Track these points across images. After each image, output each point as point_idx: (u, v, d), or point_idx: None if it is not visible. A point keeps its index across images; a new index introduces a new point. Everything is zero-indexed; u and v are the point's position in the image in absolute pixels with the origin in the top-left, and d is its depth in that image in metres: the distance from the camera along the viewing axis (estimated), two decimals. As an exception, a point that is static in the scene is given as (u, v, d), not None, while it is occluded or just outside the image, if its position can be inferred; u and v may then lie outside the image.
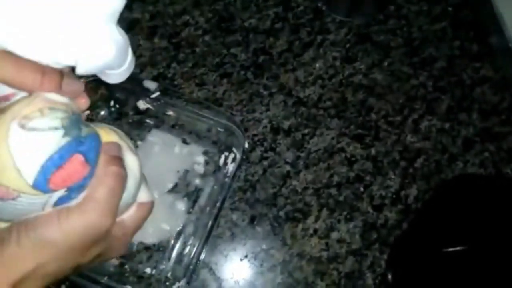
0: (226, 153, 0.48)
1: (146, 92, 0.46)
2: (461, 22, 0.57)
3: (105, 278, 0.39)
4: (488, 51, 0.55)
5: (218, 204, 0.43)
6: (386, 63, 0.54)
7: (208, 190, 0.47)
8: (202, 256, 0.41)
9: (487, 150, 0.51)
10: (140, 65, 0.52)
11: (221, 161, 0.48)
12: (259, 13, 0.56)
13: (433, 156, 0.51)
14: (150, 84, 0.46)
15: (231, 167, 0.47)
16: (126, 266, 0.43)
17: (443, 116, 0.52)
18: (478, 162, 0.51)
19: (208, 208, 0.45)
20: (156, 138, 0.48)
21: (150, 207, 0.30)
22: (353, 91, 0.53)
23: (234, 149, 0.47)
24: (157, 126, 0.49)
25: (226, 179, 0.46)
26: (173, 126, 0.49)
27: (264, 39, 0.55)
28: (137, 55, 0.53)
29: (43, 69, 0.24)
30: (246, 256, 0.46)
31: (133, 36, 0.54)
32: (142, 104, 0.47)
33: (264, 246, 0.46)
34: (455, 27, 0.56)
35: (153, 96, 0.46)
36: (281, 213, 0.48)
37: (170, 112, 0.47)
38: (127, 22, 0.54)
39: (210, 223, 0.42)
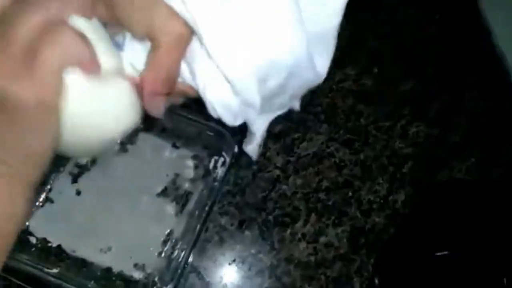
0: (216, 157, 0.48)
1: None
2: (450, 29, 0.57)
3: (92, 282, 0.40)
4: (476, 58, 0.56)
5: (207, 208, 0.43)
6: (375, 69, 0.55)
7: (197, 194, 0.47)
8: (190, 260, 0.41)
9: (474, 156, 0.52)
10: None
11: (211, 165, 0.48)
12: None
13: (421, 161, 0.51)
14: None
15: (220, 171, 0.47)
16: (113, 271, 0.43)
17: (432, 122, 0.53)
18: (465, 168, 0.51)
19: (197, 212, 0.45)
20: (146, 142, 0.48)
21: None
22: (342, 97, 0.53)
23: (224, 153, 0.47)
24: (147, 130, 0.49)
25: (216, 183, 0.46)
26: (163, 130, 0.49)
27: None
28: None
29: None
30: (234, 260, 0.46)
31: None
32: None
33: (252, 251, 0.47)
34: (443, 33, 0.57)
35: None
36: (270, 218, 0.48)
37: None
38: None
39: (198, 227, 0.42)
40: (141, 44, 0.25)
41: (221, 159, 0.48)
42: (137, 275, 0.43)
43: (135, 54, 0.26)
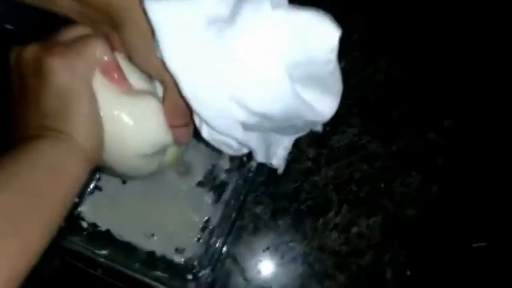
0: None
1: None
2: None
3: (137, 264, 0.43)
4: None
5: (241, 197, 0.45)
6: (406, 61, 0.55)
7: (232, 184, 0.49)
8: (225, 248, 0.44)
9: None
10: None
11: (245, 157, 0.50)
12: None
13: (456, 153, 0.51)
14: None
15: (254, 162, 0.49)
16: (156, 254, 0.46)
17: (464, 116, 0.52)
18: (500, 159, 0.50)
19: (232, 201, 0.48)
20: None
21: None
22: (375, 89, 0.53)
23: None
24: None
25: (250, 174, 0.48)
26: None
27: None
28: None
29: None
30: (268, 248, 0.48)
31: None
32: None
33: (285, 239, 0.48)
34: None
35: None
36: (303, 207, 0.49)
37: None
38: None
39: (234, 215, 0.44)
40: None
41: None
42: (178, 259, 0.46)
43: None
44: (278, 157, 0.35)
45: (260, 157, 0.32)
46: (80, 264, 0.43)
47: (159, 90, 0.30)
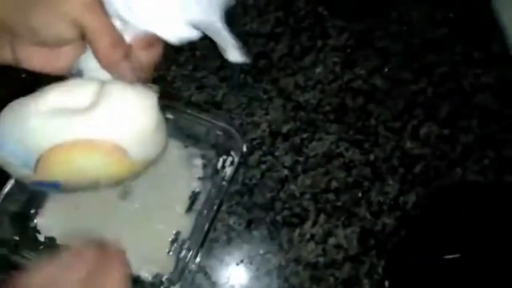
0: (224, 157, 0.48)
1: None
2: (463, 29, 0.56)
3: None
4: (489, 58, 0.55)
5: (215, 207, 0.42)
6: (386, 69, 0.54)
7: (205, 193, 0.47)
8: (198, 259, 0.41)
9: (486, 158, 0.51)
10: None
11: (219, 164, 0.48)
12: (260, 17, 0.56)
13: (432, 162, 0.50)
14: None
15: (228, 170, 0.47)
16: None
17: (443, 123, 0.52)
18: (477, 169, 0.50)
19: (205, 211, 0.45)
20: None
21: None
22: (352, 96, 0.53)
23: (232, 153, 0.47)
24: None
25: (224, 183, 0.46)
26: (172, 128, 0.49)
27: (265, 43, 0.55)
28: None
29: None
30: (242, 261, 0.46)
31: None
32: None
33: (260, 251, 0.46)
34: (456, 33, 0.56)
35: None
36: (278, 218, 0.47)
37: (169, 115, 0.47)
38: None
39: (206, 226, 0.42)
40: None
41: (230, 159, 0.47)
42: (145, 274, 0.43)
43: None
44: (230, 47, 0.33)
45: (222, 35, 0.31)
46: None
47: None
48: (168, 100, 0.46)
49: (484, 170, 0.50)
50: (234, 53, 0.32)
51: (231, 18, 0.56)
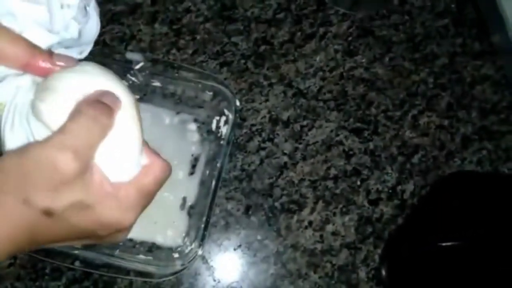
0: (217, 117, 0.47)
1: (129, 65, 0.45)
2: (464, 20, 0.56)
3: (117, 251, 0.40)
4: (489, 50, 0.55)
5: (218, 165, 0.43)
6: (387, 58, 0.54)
7: (205, 155, 0.46)
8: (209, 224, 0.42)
9: (485, 148, 0.51)
10: (140, 50, 0.52)
11: (214, 125, 0.47)
12: (262, 2, 0.56)
13: (431, 152, 0.50)
14: (134, 56, 0.45)
15: (224, 129, 0.46)
16: (135, 239, 0.43)
17: (443, 113, 0.52)
18: (475, 160, 0.51)
19: (207, 172, 0.45)
20: (144, 112, 0.46)
21: (160, 167, 0.27)
22: (353, 85, 0.52)
23: (225, 111, 0.47)
24: (144, 99, 0.48)
25: (222, 142, 0.45)
26: (160, 97, 0.48)
27: (266, 29, 0.54)
28: (137, 39, 0.52)
29: (35, 45, 0.25)
30: (239, 246, 0.46)
31: (134, 21, 0.53)
32: (126, 78, 0.46)
33: (258, 237, 0.46)
34: (457, 24, 0.56)
35: (137, 67, 0.45)
36: (277, 204, 0.47)
37: (156, 83, 0.47)
38: (128, 6, 0.54)
39: (213, 185, 0.42)
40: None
41: (223, 118, 0.47)
42: (161, 240, 0.44)
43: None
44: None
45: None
46: (50, 260, 0.39)
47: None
48: (152, 67, 0.45)
49: (482, 160, 0.51)
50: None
51: (233, 2, 0.55)
